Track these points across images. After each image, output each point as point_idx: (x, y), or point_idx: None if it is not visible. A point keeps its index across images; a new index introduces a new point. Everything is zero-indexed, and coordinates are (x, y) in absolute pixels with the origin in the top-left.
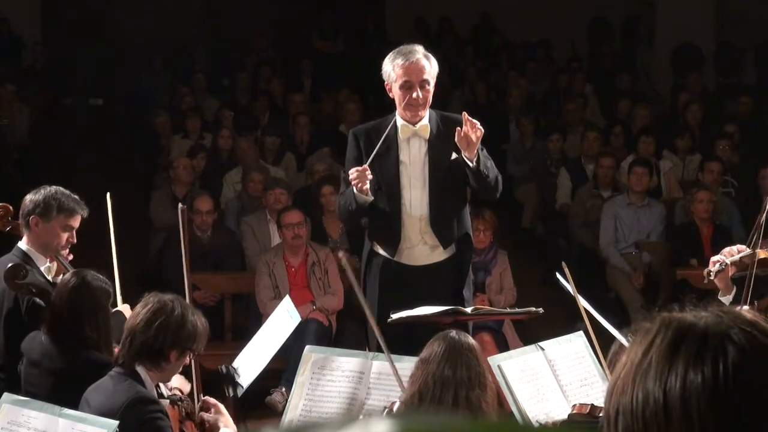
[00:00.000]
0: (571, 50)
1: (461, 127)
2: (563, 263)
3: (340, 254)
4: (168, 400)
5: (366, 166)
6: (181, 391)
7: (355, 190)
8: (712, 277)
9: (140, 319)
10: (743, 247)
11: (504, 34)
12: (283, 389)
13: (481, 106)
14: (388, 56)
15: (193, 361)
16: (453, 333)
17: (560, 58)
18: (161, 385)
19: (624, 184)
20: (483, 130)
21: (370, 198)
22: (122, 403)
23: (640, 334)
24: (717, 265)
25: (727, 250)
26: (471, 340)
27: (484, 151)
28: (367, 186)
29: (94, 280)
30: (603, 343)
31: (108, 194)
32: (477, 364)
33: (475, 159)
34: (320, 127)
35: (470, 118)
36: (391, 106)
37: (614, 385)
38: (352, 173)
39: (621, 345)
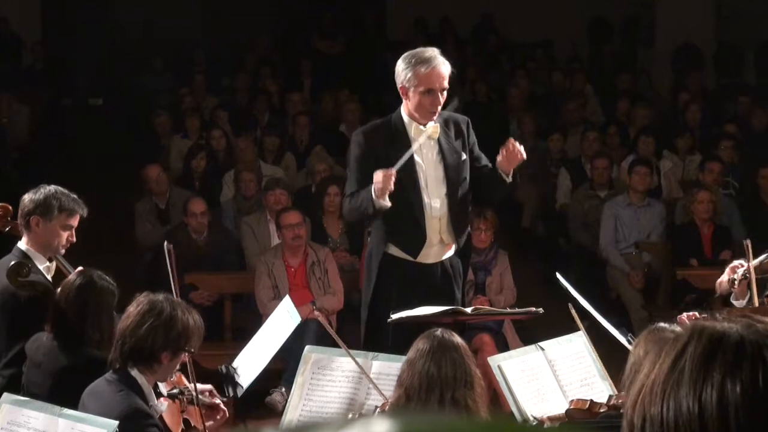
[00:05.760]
0: (571, 50)
1: (464, 129)
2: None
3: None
4: (168, 398)
5: (394, 170)
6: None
7: (374, 195)
8: (736, 285)
9: (130, 321)
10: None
11: (504, 34)
12: (283, 389)
13: (481, 106)
14: (404, 58)
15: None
16: (438, 332)
17: (560, 58)
18: (159, 384)
19: (622, 184)
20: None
21: (388, 204)
22: (117, 416)
23: (666, 343)
24: (741, 271)
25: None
26: (457, 338)
27: (477, 145)
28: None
29: (99, 280)
30: (605, 344)
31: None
32: (463, 362)
33: (510, 174)
34: (320, 127)
35: (515, 144)
36: (390, 106)
37: (639, 395)
38: (378, 176)
39: (640, 356)
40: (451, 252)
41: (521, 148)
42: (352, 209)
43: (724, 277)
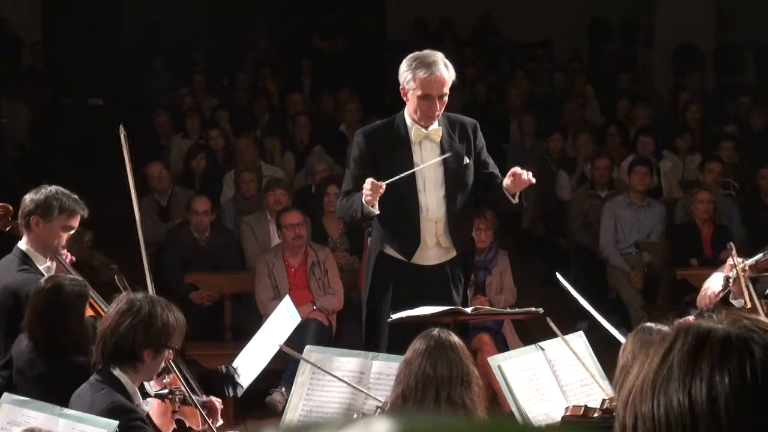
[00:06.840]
0: (571, 50)
1: (471, 132)
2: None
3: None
4: (156, 398)
5: (383, 183)
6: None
7: (363, 201)
8: (731, 283)
9: (110, 322)
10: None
11: (504, 34)
12: (283, 389)
13: (481, 106)
14: (407, 60)
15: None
16: (435, 331)
17: (560, 58)
18: (146, 384)
19: (622, 184)
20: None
21: (376, 212)
22: (99, 414)
23: (653, 343)
24: (734, 271)
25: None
26: (454, 338)
27: (485, 150)
28: (376, 201)
29: (67, 285)
30: (605, 344)
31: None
32: (459, 361)
33: (517, 195)
34: (320, 127)
35: (521, 172)
36: (390, 107)
37: (629, 395)
38: (367, 184)
39: (629, 357)
40: (451, 256)
41: (530, 175)
42: (342, 208)
43: (714, 286)
